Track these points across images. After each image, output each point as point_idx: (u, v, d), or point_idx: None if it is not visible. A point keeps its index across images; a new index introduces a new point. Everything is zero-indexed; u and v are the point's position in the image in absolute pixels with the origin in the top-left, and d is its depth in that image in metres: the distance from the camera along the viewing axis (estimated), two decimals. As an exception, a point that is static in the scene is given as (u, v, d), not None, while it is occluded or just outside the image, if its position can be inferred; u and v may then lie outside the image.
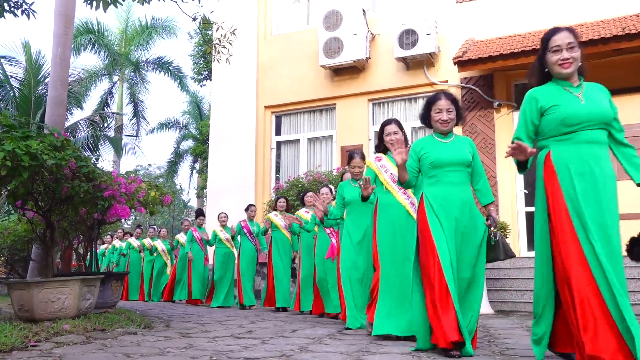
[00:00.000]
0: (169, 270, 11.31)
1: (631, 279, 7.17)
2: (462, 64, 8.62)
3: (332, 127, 10.71)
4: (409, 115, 10.02)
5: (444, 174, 3.46)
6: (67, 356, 3.16)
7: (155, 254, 11.69)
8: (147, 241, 11.85)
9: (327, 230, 6.27)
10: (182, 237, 11.09)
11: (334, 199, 6.68)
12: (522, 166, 2.93)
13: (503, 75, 9.03)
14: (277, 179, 10.98)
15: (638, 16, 8.19)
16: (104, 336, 4.10)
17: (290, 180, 9.79)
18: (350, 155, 5.18)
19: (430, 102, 3.64)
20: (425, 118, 3.69)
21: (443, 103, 3.56)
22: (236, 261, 8.76)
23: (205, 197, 17.24)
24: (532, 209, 5.60)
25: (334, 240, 6.10)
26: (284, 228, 7.80)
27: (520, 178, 8.83)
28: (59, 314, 4.52)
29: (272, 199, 9.83)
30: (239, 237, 8.72)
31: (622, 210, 2.79)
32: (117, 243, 13.01)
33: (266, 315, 6.67)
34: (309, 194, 7.05)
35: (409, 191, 4.22)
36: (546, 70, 2.94)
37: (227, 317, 6.37)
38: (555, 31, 2.88)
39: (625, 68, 8.01)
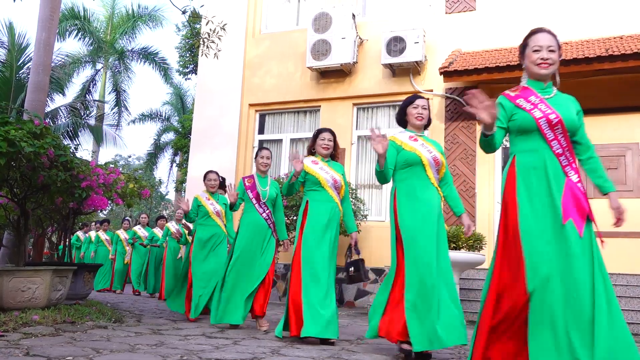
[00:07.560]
0: None
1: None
2: (447, 74, 8.69)
3: (315, 129, 10.69)
4: (393, 122, 10.06)
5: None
6: (35, 348, 3.11)
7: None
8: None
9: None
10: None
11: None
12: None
13: (487, 88, 9.10)
14: (258, 177, 10.91)
15: (621, 38, 8.34)
16: (73, 329, 4.05)
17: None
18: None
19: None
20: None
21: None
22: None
23: (184, 191, 17.10)
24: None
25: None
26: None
27: (499, 190, 8.91)
28: (29, 304, 4.45)
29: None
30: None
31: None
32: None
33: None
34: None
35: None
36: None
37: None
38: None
39: (605, 89, 8.14)
